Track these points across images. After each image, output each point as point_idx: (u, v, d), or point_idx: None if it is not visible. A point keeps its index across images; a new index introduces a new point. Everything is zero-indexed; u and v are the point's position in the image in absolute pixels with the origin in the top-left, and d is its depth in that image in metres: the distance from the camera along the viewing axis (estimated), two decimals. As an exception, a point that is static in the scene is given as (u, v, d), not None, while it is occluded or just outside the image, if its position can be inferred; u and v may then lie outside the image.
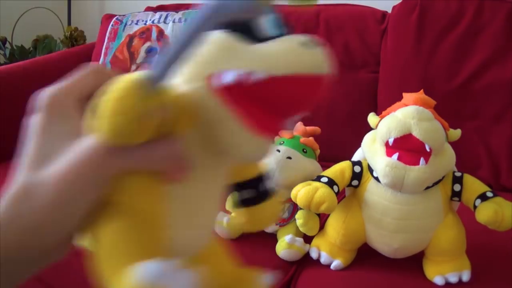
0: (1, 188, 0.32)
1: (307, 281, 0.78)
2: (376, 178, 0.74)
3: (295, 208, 0.84)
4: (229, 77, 0.30)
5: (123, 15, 1.48)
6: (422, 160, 0.68)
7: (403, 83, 1.18)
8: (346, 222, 0.77)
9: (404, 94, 0.78)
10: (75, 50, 1.57)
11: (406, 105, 0.73)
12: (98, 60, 1.42)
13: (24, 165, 0.29)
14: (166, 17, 1.42)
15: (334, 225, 0.79)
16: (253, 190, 0.41)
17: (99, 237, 0.32)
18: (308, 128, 0.88)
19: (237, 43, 0.32)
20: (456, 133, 0.77)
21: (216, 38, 0.32)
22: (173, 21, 1.39)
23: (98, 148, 0.28)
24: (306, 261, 0.82)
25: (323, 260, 0.79)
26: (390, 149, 0.70)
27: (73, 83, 0.31)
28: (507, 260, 0.79)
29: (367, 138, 0.77)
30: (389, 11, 1.28)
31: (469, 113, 1.14)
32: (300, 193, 0.72)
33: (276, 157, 0.79)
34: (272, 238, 0.85)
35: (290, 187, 0.75)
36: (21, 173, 0.29)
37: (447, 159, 0.72)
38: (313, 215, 0.79)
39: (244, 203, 0.41)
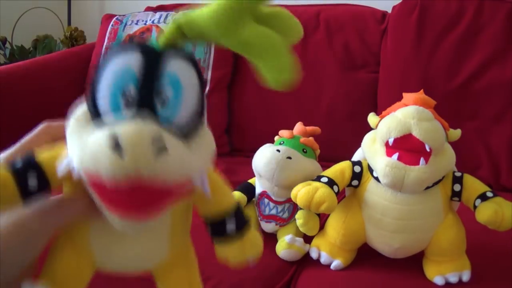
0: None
1: (307, 281, 0.78)
2: (376, 178, 0.74)
3: (295, 208, 0.84)
4: (64, 164, 0.33)
5: (123, 15, 1.48)
6: (422, 160, 0.68)
7: (403, 83, 1.18)
8: (346, 222, 0.77)
9: (404, 94, 0.78)
10: (75, 50, 1.57)
11: (406, 105, 0.73)
12: (98, 60, 1.42)
13: None
14: (166, 17, 1.42)
15: (334, 225, 0.79)
16: (218, 229, 0.41)
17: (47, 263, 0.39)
18: (308, 128, 0.88)
19: (82, 127, 0.33)
20: (456, 133, 0.77)
21: (76, 115, 0.34)
22: (173, 21, 1.39)
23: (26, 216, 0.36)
24: (306, 261, 0.82)
25: (323, 260, 0.79)
26: (390, 149, 0.70)
27: (23, 146, 0.39)
28: (507, 260, 0.79)
29: (367, 138, 0.77)
30: (389, 11, 1.28)
31: (469, 113, 1.14)
32: (300, 193, 0.72)
33: (276, 157, 0.79)
34: (272, 238, 0.85)
35: (290, 187, 0.75)
36: None
37: (447, 159, 0.72)
38: (313, 215, 0.79)
39: (212, 237, 0.42)
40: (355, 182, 0.77)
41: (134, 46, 0.33)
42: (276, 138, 0.88)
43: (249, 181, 0.90)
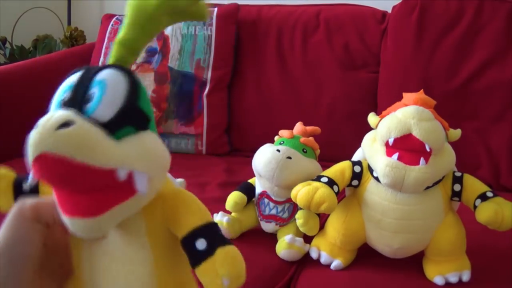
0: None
1: (307, 281, 0.78)
2: (376, 178, 0.74)
3: (295, 208, 0.84)
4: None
5: (123, 15, 1.48)
6: (422, 160, 0.68)
7: (403, 83, 1.18)
8: (346, 222, 0.77)
9: (404, 94, 0.78)
10: (75, 50, 1.57)
11: (406, 105, 0.73)
12: (98, 60, 1.42)
13: None
14: (166, 17, 1.42)
15: (334, 225, 0.79)
16: (189, 250, 0.39)
17: None
18: (308, 128, 0.88)
19: None
20: (456, 133, 0.77)
21: None
22: (173, 21, 1.39)
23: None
24: (306, 261, 0.82)
25: (323, 260, 0.79)
26: (390, 149, 0.70)
27: None
28: (507, 260, 0.79)
29: (367, 138, 0.77)
30: (389, 11, 1.28)
31: (468, 113, 1.14)
32: (300, 193, 0.72)
33: (276, 157, 0.79)
34: (272, 238, 0.85)
35: (290, 187, 0.75)
36: None
37: (447, 159, 0.72)
38: (313, 215, 0.79)
39: (190, 263, 0.40)
40: (355, 182, 0.77)
41: (81, 68, 0.39)
42: (276, 138, 0.88)
43: (249, 181, 0.90)
